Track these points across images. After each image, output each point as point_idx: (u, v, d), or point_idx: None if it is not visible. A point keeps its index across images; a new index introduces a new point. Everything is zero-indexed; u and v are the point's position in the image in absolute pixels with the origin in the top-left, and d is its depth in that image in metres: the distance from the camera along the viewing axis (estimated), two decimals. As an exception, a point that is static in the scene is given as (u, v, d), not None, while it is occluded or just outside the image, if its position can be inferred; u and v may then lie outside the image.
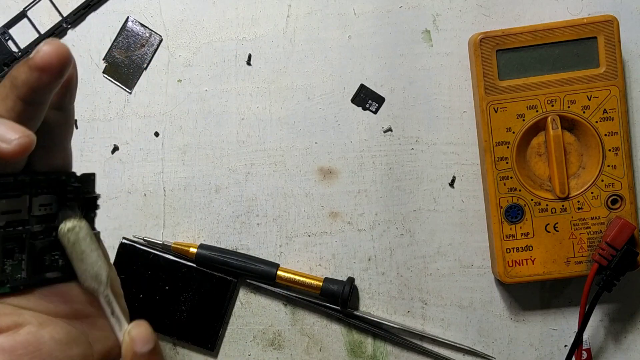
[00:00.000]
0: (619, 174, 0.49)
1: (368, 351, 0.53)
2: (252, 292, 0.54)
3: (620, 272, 0.48)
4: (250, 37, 0.53)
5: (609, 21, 0.49)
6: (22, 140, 0.28)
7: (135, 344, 0.33)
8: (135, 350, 0.33)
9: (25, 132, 0.28)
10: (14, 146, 0.28)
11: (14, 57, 0.53)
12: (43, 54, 0.29)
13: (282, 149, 0.53)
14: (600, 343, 0.53)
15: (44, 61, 0.29)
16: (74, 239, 0.33)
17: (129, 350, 0.33)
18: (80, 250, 0.34)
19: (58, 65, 0.29)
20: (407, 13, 0.53)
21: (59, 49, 0.29)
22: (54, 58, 0.29)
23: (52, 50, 0.29)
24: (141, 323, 0.34)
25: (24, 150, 0.28)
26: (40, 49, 0.29)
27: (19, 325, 0.31)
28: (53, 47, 0.29)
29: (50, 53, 0.29)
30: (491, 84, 0.49)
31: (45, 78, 0.29)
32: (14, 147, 0.28)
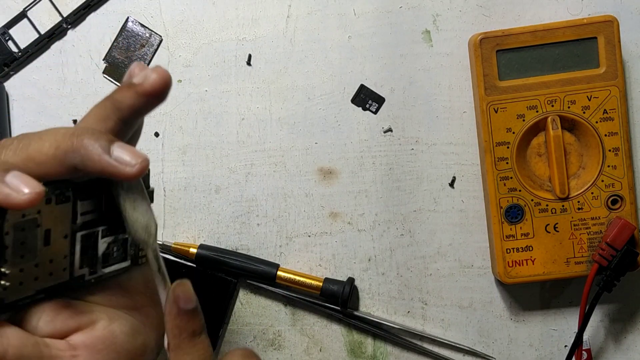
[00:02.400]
0: (619, 174, 0.49)
1: (368, 351, 0.53)
2: (252, 293, 0.54)
3: (621, 272, 0.48)
4: (250, 37, 0.53)
5: (609, 21, 0.49)
6: (143, 164, 0.31)
7: (180, 301, 0.34)
8: (179, 307, 0.34)
9: (142, 155, 0.31)
10: (136, 170, 0.30)
11: (14, 57, 0.53)
12: (153, 82, 0.32)
13: (282, 149, 0.53)
14: (600, 343, 0.53)
15: (155, 89, 0.32)
16: (128, 185, 0.34)
17: (173, 307, 0.34)
18: (133, 198, 0.34)
19: (165, 92, 0.32)
20: (407, 13, 0.53)
21: (165, 77, 0.32)
22: (163, 86, 0.32)
23: (161, 79, 0.32)
24: (185, 282, 0.35)
25: (143, 171, 0.31)
26: (149, 77, 0.32)
27: (94, 321, 0.33)
28: (160, 75, 0.32)
29: (160, 81, 0.32)
30: (491, 84, 0.49)
31: (151, 104, 0.32)
32: (136, 171, 0.30)
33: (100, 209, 0.35)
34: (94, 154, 0.30)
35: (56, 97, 0.54)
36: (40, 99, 0.54)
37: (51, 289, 0.34)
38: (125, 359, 0.34)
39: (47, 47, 0.53)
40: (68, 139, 0.30)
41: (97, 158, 0.30)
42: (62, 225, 0.34)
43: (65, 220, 0.34)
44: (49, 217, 0.33)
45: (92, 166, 0.30)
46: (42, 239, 0.33)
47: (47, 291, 0.33)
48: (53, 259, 0.34)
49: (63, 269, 0.34)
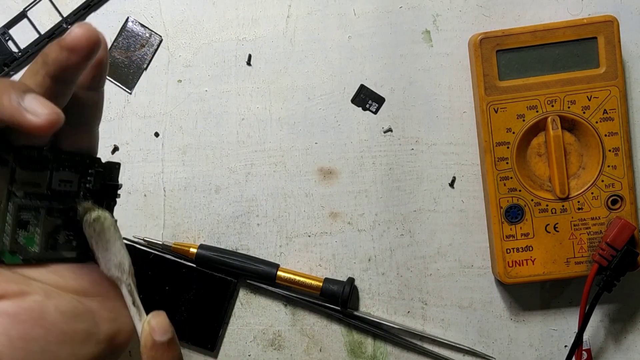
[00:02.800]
0: (619, 175, 0.49)
1: (368, 351, 0.53)
2: (252, 293, 0.54)
3: (621, 272, 0.48)
4: (250, 37, 0.53)
5: (609, 21, 0.49)
6: (51, 117, 0.29)
7: (155, 333, 0.34)
8: (154, 339, 0.34)
9: (54, 109, 0.30)
10: (43, 121, 0.29)
11: (14, 57, 0.53)
12: (74, 35, 0.30)
13: (282, 149, 0.53)
14: (600, 343, 0.53)
15: (74, 42, 0.30)
16: (100, 228, 0.34)
17: (149, 339, 0.34)
18: (106, 239, 0.34)
19: (87, 47, 0.31)
20: (407, 13, 0.53)
21: (89, 32, 0.31)
22: (84, 40, 0.31)
23: (83, 33, 0.31)
24: (160, 313, 0.35)
25: (52, 126, 0.29)
26: (71, 31, 0.31)
27: (25, 293, 0.32)
28: (83, 29, 0.31)
29: (81, 35, 0.31)
30: (491, 84, 0.49)
31: (74, 58, 0.31)
32: (43, 122, 0.29)
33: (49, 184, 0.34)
34: (4, 99, 0.29)
35: (56, 97, 0.54)
36: (40, 99, 0.54)
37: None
38: (57, 338, 0.32)
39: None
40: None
41: (7, 103, 0.29)
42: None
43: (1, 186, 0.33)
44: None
45: (1, 112, 0.29)
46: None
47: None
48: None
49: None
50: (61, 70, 0.31)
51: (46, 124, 0.29)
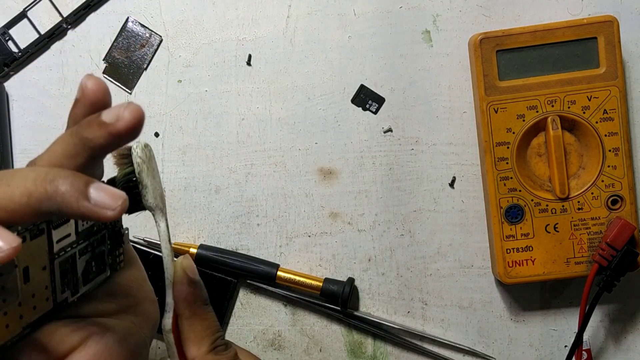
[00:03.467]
0: (619, 175, 0.49)
1: (368, 352, 0.53)
2: (252, 293, 0.54)
3: (621, 272, 0.48)
4: (250, 37, 0.53)
5: (609, 21, 0.49)
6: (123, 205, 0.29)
7: (189, 271, 0.36)
8: (189, 277, 0.36)
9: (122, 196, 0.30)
10: (117, 212, 0.29)
11: (14, 57, 0.53)
12: (127, 122, 0.30)
13: (282, 149, 0.53)
14: (600, 343, 0.53)
15: (129, 129, 0.30)
16: (149, 154, 0.35)
17: (184, 276, 0.35)
18: (152, 166, 0.35)
19: (138, 130, 0.30)
20: (407, 13, 0.53)
21: (139, 115, 0.30)
22: (137, 125, 0.30)
23: (135, 118, 0.30)
24: (189, 256, 0.37)
25: (122, 213, 0.30)
26: (122, 117, 0.30)
27: (86, 338, 0.33)
28: (135, 113, 0.30)
29: (134, 121, 0.30)
30: (491, 84, 0.49)
31: (124, 142, 0.31)
32: (117, 213, 0.29)
33: (76, 229, 0.35)
34: (71, 201, 0.29)
35: (56, 97, 0.54)
36: (40, 99, 0.54)
37: (37, 321, 0.33)
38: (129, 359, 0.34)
39: (47, 47, 0.53)
40: (41, 186, 0.28)
41: (76, 205, 0.29)
42: (40, 258, 0.33)
43: (42, 253, 0.33)
44: (25, 254, 0.32)
45: (70, 213, 0.29)
46: (21, 279, 0.32)
47: (33, 324, 0.33)
48: (35, 293, 0.33)
49: (46, 299, 0.34)
50: (105, 151, 0.31)
51: (119, 214, 0.29)
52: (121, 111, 0.30)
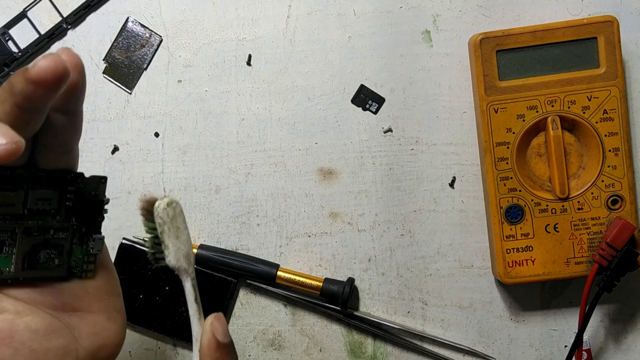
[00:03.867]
0: (619, 175, 0.49)
1: (368, 352, 0.53)
2: (252, 293, 0.54)
3: (621, 272, 0.48)
4: (250, 37, 0.53)
5: (609, 21, 0.49)
6: (9, 147, 0.28)
7: (219, 334, 0.34)
8: (218, 340, 0.34)
9: (14, 138, 0.28)
10: (1, 150, 0.28)
11: (14, 57, 0.53)
12: (38, 68, 0.29)
13: (282, 149, 0.53)
14: (600, 343, 0.53)
15: (39, 76, 0.29)
16: (172, 214, 0.33)
17: (212, 340, 0.34)
18: (176, 226, 0.34)
19: (52, 81, 0.29)
20: (407, 13, 0.53)
21: (55, 64, 0.29)
22: (49, 74, 0.29)
23: (48, 65, 0.29)
24: (221, 316, 0.35)
25: (9, 156, 0.28)
26: (37, 63, 0.29)
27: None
28: (49, 61, 0.29)
29: (46, 67, 0.29)
30: (491, 84, 0.49)
31: (39, 91, 0.30)
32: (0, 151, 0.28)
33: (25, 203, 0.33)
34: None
35: (56, 97, 0.54)
36: (40, 99, 0.54)
37: None
38: (26, 357, 0.32)
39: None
40: None
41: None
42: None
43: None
44: None
45: None
46: None
47: None
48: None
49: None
50: (28, 101, 0.30)
51: (3, 154, 0.28)
52: (39, 58, 0.30)
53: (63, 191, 0.34)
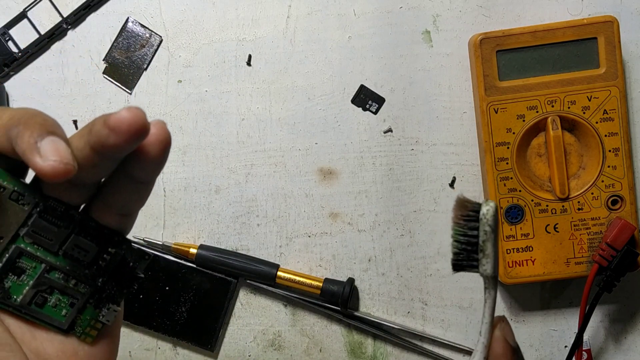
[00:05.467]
0: (619, 175, 0.49)
1: (368, 352, 0.53)
2: (252, 293, 0.54)
3: (621, 272, 0.48)
4: (250, 37, 0.53)
5: (609, 22, 0.49)
6: (56, 165, 0.28)
7: (509, 338, 0.33)
8: (510, 345, 0.33)
9: (65, 159, 0.28)
10: (47, 166, 0.27)
11: (13, 57, 0.53)
12: (118, 116, 0.29)
13: (282, 149, 0.53)
14: (600, 344, 0.53)
15: (116, 123, 0.29)
16: (495, 222, 0.32)
17: (505, 346, 0.33)
18: (497, 233, 0.33)
19: (127, 132, 0.29)
20: (407, 14, 0.53)
21: (134, 118, 0.29)
22: (125, 125, 0.29)
23: (127, 117, 0.29)
24: (506, 319, 0.34)
25: (54, 175, 0.28)
26: (119, 111, 0.29)
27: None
28: (130, 114, 0.29)
29: (124, 119, 0.29)
30: (491, 84, 0.49)
31: (112, 138, 0.29)
32: (46, 167, 0.28)
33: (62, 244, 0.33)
34: (25, 134, 0.28)
35: (56, 97, 0.54)
36: (40, 99, 0.54)
37: None
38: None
39: (47, 47, 0.53)
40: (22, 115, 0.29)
41: (25, 139, 0.28)
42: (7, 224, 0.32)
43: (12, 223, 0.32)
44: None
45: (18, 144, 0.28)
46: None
47: None
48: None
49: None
50: (99, 143, 0.29)
51: (49, 171, 0.27)
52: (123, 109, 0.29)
53: (103, 249, 0.34)
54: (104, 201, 0.33)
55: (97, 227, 0.33)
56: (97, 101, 0.54)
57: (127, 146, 0.30)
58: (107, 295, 0.35)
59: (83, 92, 0.53)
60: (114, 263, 0.34)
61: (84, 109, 0.54)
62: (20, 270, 0.33)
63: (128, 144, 0.30)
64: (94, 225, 0.33)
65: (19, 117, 0.29)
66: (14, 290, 0.33)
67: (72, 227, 0.33)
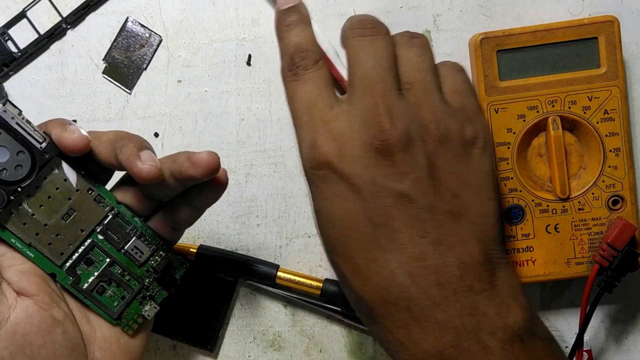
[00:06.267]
0: (619, 175, 0.49)
1: (369, 352, 0.53)
2: (252, 293, 0.54)
3: (621, 273, 0.48)
4: (250, 37, 0.53)
5: (609, 21, 0.48)
6: (152, 169, 0.37)
7: None
8: None
9: (159, 166, 0.38)
10: (145, 168, 0.37)
11: (13, 57, 0.53)
12: (200, 156, 0.38)
13: (282, 149, 0.53)
14: (601, 344, 0.53)
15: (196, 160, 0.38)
16: None
17: None
18: None
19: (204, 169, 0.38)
20: (408, 13, 0.53)
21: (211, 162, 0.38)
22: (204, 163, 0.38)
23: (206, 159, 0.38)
24: None
25: (149, 175, 0.37)
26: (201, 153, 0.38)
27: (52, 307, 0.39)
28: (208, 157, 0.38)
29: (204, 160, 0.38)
30: (492, 84, 0.49)
31: (192, 170, 0.38)
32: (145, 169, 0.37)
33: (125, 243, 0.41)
34: (129, 146, 0.38)
35: (56, 97, 0.53)
36: (40, 99, 0.54)
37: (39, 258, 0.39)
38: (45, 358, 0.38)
39: (47, 47, 0.53)
40: (125, 134, 0.40)
41: (129, 150, 0.37)
42: (87, 220, 0.40)
43: (92, 220, 0.40)
44: (81, 202, 0.40)
45: (123, 152, 0.37)
46: (64, 212, 0.39)
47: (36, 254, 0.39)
48: (60, 235, 0.39)
49: (61, 252, 0.40)
50: (179, 172, 0.38)
51: (146, 172, 0.37)
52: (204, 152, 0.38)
53: (155, 253, 0.42)
54: (164, 216, 0.42)
55: (153, 235, 0.42)
56: (97, 101, 0.54)
57: (199, 179, 0.38)
58: (151, 295, 0.42)
59: (82, 92, 0.53)
60: (161, 266, 0.42)
61: (83, 109, 0.54)
62: (90, 261, 0.40)
63: (201, 178, 0.38)
64: (151, 233, 0.42)
65: (122, 135, 0.39)
66: (83, 277, 0.40)
67: (135, 231, 0.41)
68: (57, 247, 0.39)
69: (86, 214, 0.40)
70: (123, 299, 0.41)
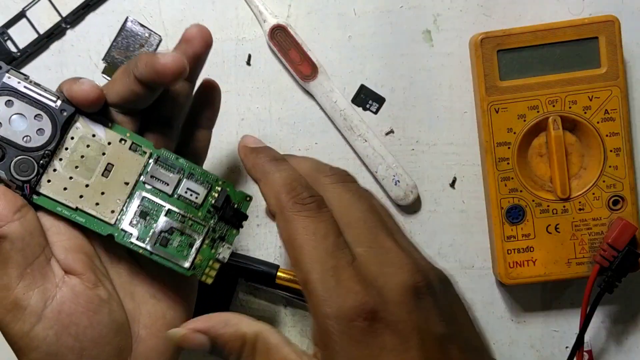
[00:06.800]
0: (620, 175, 0.49)
1: (368, 353, 0.53)
2: (251, 294, 0.54)
3: (622, 273, 0.48)
4: (250, 37, 0.53)
5: (610, 21, 0.48)
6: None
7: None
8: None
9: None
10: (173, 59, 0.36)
11: (12, 57, 0.52)
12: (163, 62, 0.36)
13: (282, 149, 0.53)
14: (601, 344, 0.53)
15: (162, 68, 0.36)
16: None
17: None
18: None
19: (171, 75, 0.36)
20: (408, 13, 0.53)
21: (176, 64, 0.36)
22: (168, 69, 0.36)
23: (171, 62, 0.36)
24: None
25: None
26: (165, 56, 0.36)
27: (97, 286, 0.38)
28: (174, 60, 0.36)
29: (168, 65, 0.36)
30: (492, 84, 0.49)
31: (158, 78, 0.36)
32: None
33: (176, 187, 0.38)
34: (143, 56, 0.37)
35: (55, 97, 0.53)
36: (39, 99, 0.53)
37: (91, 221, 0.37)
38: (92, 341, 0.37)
39: (46, 47, 0.53)
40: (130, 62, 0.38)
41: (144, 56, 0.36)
42: (129, 172, 0.37)
43: (133, 170, 0.37)
44: (116, 154, 0.37)
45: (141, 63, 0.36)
46: (103, 168, 0.37)
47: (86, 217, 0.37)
48: (105, 193, 0.37)
49: (111, 210, 0.37)
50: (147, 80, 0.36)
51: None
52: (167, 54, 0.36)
53: (211, 190, 0.39)
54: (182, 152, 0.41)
55: (203, 173, 0.39)
56: (96, 101, 0.53)
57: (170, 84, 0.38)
58: (220, 236, 0.39)
59: (82, 92, 0.53)
60: (220, 201, 0.39)
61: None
62: (145, 214, 0.38)
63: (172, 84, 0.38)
64: (200, 171, 0.39)
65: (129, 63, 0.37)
66: (143, 232, 0.37)
67: (183, 172, 0.38)
68: (106, 206, 0.37)
69: (125, 165, 0.37)
70: (191, 246, 0.38)
